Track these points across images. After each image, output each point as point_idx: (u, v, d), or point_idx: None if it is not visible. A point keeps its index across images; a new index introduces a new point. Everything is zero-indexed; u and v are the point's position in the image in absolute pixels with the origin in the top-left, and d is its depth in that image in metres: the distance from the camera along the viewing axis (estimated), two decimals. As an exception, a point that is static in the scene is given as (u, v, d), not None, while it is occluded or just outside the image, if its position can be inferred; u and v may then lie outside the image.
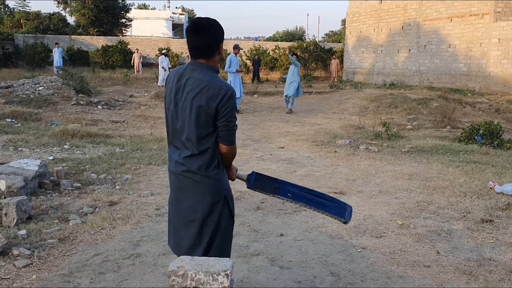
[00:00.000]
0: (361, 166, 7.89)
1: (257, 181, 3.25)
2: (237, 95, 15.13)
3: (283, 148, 9.68)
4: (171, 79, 2.99)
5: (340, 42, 45.83)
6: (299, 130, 12.00)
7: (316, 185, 6.64)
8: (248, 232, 4.83)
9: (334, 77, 30.59)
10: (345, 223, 3.23)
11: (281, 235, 4.78)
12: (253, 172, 3.32)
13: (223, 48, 3.28)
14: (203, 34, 2.86)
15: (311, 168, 7.77)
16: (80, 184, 6.36)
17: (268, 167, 7.80)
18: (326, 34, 77.99)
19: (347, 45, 32.07)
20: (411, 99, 16.45)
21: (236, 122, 2.89)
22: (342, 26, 60.21)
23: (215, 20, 2.93)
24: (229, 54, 16.44)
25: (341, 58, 34.24)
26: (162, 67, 22.73)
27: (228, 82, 15.09)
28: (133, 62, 31.30)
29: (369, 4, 29.26)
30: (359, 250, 4.40)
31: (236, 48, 15.37)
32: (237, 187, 6.47)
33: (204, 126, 2.82)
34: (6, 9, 56.84)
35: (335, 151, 9.11)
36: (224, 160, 2.98)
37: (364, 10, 29.78)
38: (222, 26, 2.94)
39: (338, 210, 3.24)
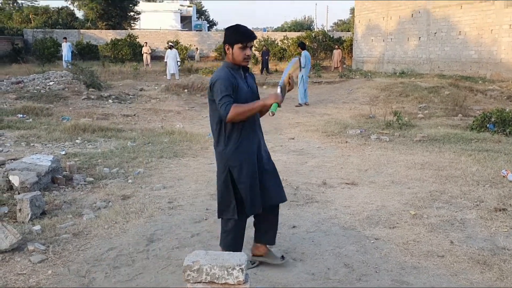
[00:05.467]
0: (372, 156, 7.86)
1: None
2: None
3: (293, 139, 9.66)
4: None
5: (349, 31, 45.56)
6: (309, 121, 11.96)
7: (328, 176, 6.63)
8: (260, 224, 4.82)
9: (334, 67, 30.04)
10: None
11: (294, 227, 4.78)
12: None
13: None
14: None
15: (322, 159, 7.75)
16: (92, 179, 6.40)
17: (278, 158, 7.79)
18: (334, 23, 77.57)
19: (356, 34, 31.83)
20: (422, 87, 16.31)
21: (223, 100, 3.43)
22: (351, 15, 59.81)
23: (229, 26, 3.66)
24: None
25: (350, 48, 34.00)
26: (166, 61, 22.79)
27: None
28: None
29: (378, -8, 28.98)
30: (372, 241, 4.39)
31: None
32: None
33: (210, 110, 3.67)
34: (15, 4, 57.09)
35: (346, 141, 9.08)
36: (245, 123, 3.67)
37: (373, -2, 29.52)
38: (231, 30, 3.59)
39: None
